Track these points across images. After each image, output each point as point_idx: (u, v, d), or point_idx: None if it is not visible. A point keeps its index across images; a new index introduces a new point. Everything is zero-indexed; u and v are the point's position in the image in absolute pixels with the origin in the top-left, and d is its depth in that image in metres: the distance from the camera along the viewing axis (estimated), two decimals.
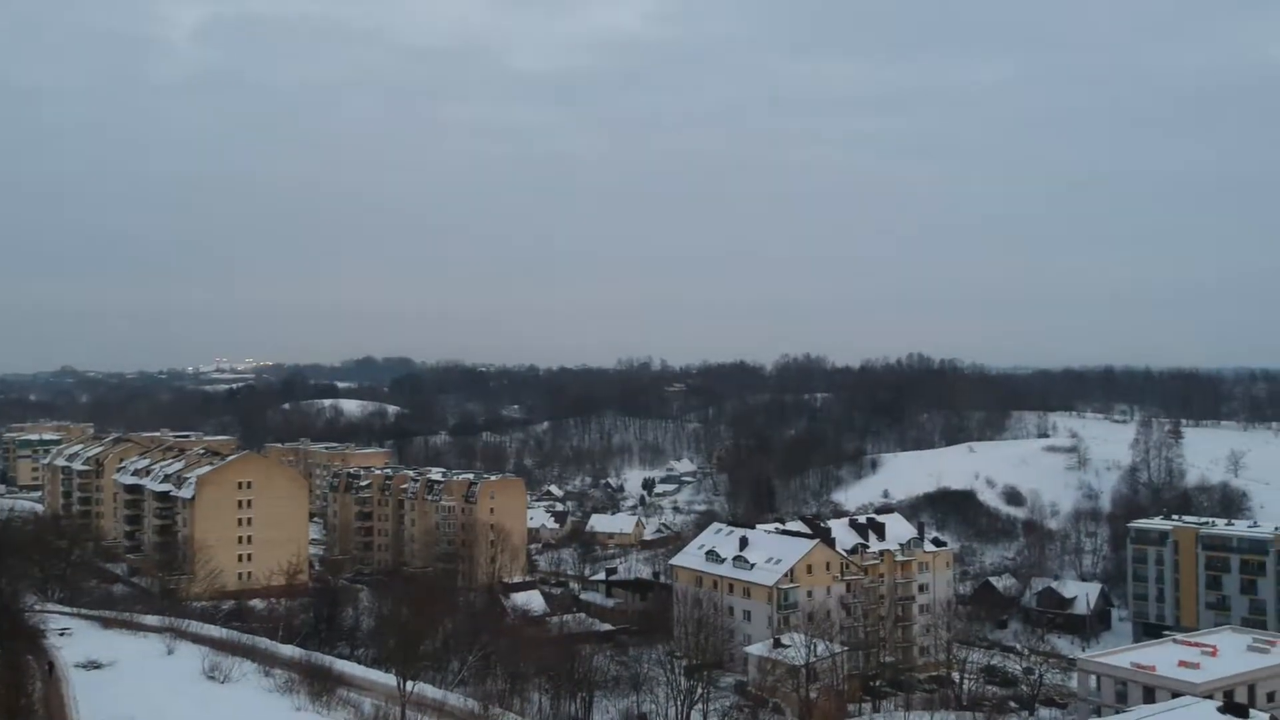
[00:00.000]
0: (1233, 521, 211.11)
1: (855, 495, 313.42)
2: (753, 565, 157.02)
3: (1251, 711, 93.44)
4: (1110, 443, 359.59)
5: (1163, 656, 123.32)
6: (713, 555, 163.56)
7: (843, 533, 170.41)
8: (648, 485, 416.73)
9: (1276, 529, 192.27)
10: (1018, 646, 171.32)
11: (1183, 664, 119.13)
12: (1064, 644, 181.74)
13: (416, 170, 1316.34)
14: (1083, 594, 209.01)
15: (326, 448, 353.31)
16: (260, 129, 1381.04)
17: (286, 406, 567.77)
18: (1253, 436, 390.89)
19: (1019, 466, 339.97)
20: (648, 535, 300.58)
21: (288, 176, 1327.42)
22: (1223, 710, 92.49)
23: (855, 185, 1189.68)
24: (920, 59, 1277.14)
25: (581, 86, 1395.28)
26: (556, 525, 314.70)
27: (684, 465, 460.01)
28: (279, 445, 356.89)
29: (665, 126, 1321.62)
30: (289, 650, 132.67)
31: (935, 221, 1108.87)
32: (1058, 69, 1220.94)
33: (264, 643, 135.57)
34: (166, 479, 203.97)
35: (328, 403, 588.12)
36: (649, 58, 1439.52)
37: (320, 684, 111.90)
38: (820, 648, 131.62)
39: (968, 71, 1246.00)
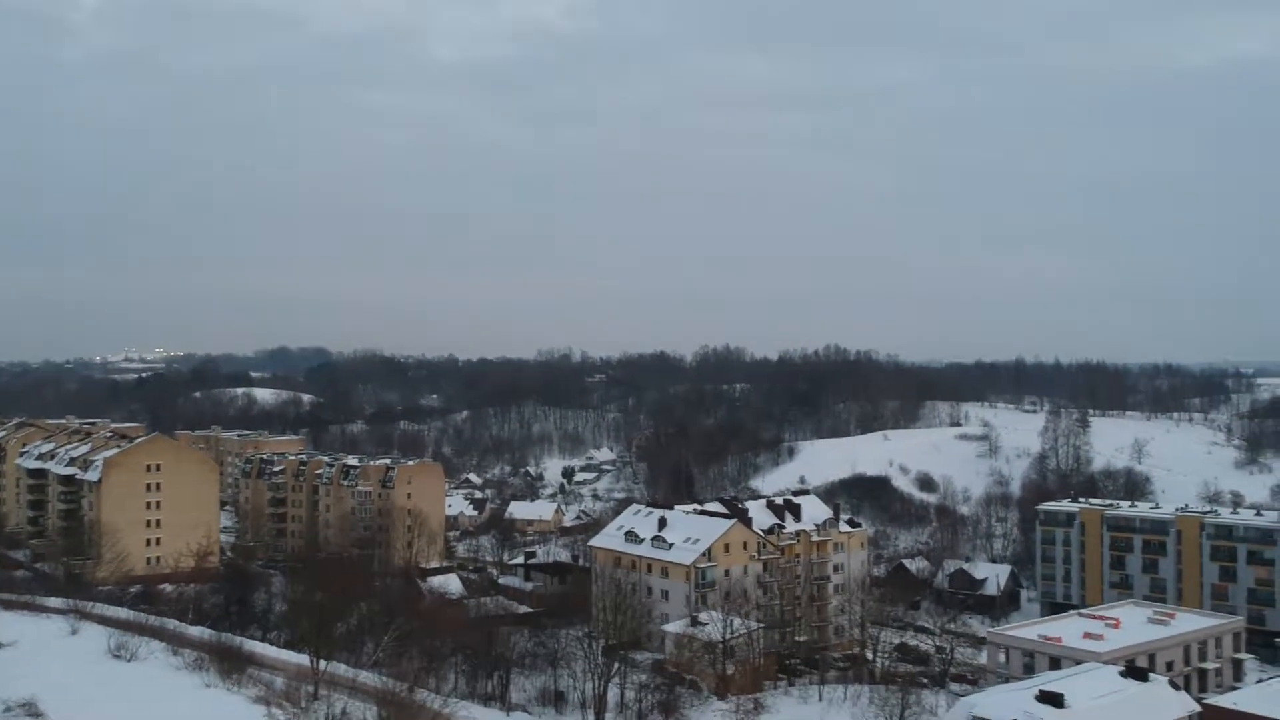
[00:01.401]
0: (1136, 504, 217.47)
1: (773, 482, 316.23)
2: (671, 545, 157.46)
3: (1151, 675, 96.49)
4: (1020, 431, 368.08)
5: (1068, 629, 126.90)
6: (631, 536, 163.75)
7: (760, 514, 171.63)
8: (567, 474, 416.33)
9: (1177, 510, 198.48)
10: (930, 626, 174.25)
11: (1087, 635, 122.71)
12: (975, 624, 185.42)
13: (333, 159, 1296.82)
14: (993, 575, 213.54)
15: (239, 435, 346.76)
16: (173, 114, 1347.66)
17: (198, 395, 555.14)
18: (1156, 426, 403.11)
19: (932, 454, 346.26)
20: (567, 522, 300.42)
21: (201, 163, 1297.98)
22: (1124, 674, 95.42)
23: (772, 181, 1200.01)
24: (837, 57, 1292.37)
25: (501, 77, 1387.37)
26: (475, 512, 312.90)
27: (604, 454, 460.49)
28: (189, 433, 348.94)
29: (585, 120, 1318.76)
30: (198, 631, 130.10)
31: (851, 218, 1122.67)
32: (973, 69, 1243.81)
33: (172, 624, 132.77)
34: (72, 462, 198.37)
35: (240, 391, 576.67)
36: (569, 51, 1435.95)
37: (230, 662, 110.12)
38: (737, 624, 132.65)
39: (884, 70, 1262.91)
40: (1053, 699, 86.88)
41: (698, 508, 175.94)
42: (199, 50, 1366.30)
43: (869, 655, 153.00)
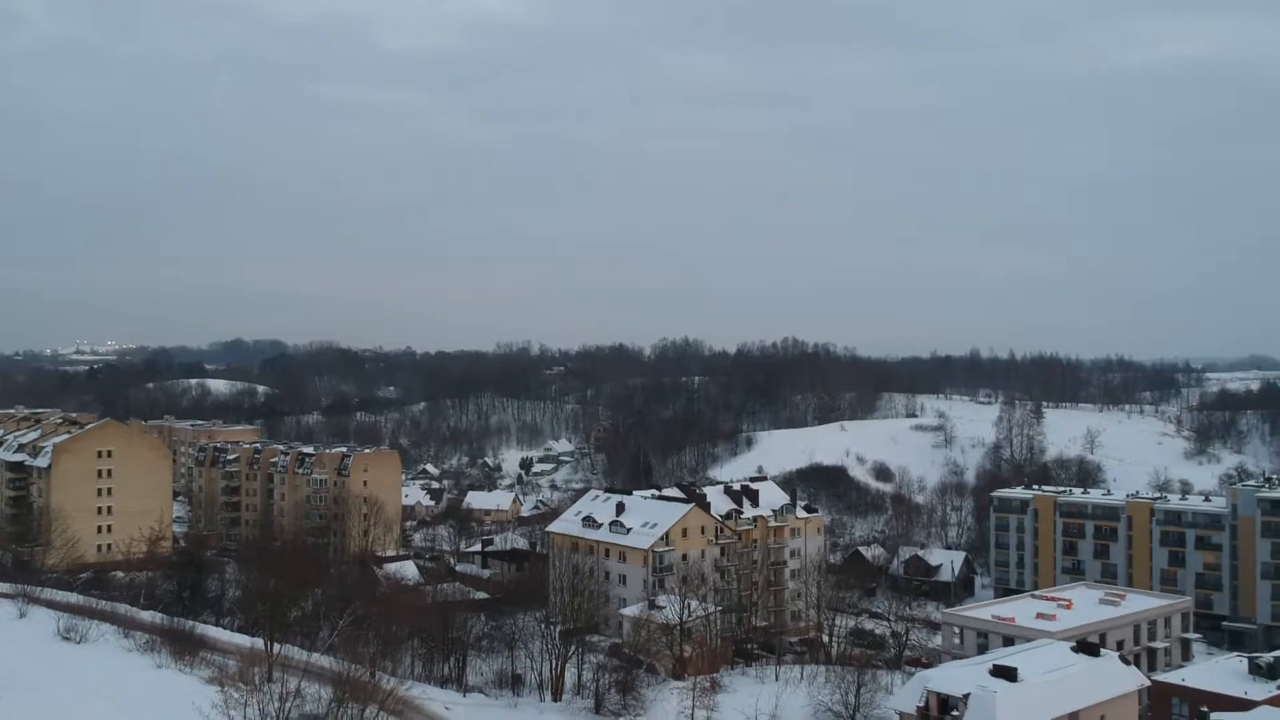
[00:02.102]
0: (1088, 491, 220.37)
1: (731, 471, 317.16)
2: (629, 530, 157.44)
3: (1102, 650, 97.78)
4: (975, 422, 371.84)
5: (1022, 610, 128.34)
6: (589, 521, 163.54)
7: (718, 499, 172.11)
8: (525, 465, 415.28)
9: (1128, 497, 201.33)
10: (885, 612, 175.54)
11: (1040, 616, 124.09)
12: (930, 609, 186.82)
13: (287, 150, 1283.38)
14: (948, 561, 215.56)
15: (192, 425, 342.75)
16: (124, 104, 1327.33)
17: (150, 386, 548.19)
18: (1108, 417, 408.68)
19: (888, 444, 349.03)
20: (525, 512, 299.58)
21: (154, 154, 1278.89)
22: (1076, 649, 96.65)
23: (729, 176, 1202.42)
24: (798, 54, 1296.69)
25: (452, 69, 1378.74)
26: (432, 502, 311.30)
27: (562, 445, 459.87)
28: (142, 423, 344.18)
29: (539, 114, 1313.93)
30: (149, 616, 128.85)
31: (809, 213, 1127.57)
32: (930, 67, 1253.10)
33: (123, 608, 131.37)
34: (21, 449, 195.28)
35: (194, 382, 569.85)
36: (520, 43, 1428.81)
37: (183, 645, 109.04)
38: (695, 607, 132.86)
39: (842, 68, 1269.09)
40: (1006, 673, 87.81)
41: (656, 493, 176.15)
42: (150, 39, 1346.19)
43: (825, 639, 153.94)
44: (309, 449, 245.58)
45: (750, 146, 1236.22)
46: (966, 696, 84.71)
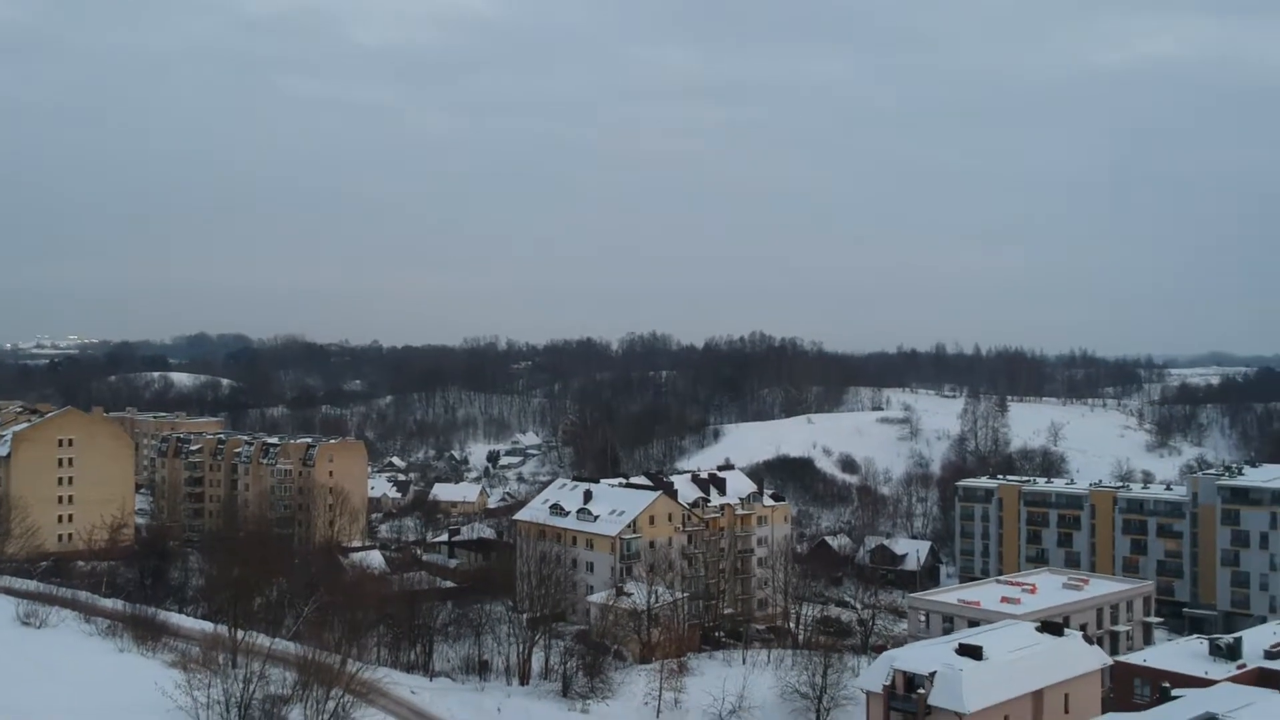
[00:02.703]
0: (1052, 481, 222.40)
1: (698, 463, 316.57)
2: (596, 517, 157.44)
3: (1066, 630, 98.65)
4: (940, 415, 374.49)
5: (987, 594, 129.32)
6: (557, 509, 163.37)
7: (685, 487, 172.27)
8: (493, 457, 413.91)
9: (1091, 486, 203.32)
10: (852, 601, 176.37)
11: (1005, 600, 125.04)
12: (895, 598, 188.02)
13: (252, 144, 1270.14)
14: (913, 551, 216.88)
15: (155, 417, 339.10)
16: (85, 97, 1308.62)
17: (113, 379, 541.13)
18: (1071, 411, 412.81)
19: (854, 437, 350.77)
20: (492, 504, 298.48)
21: (117, 149, 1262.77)
22: (1040, 629, 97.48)
23: (700, 174, 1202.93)
24: (767, 51, 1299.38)
25: (424, 64, 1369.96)
26: (399, 495, 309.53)
27: (529, 438, 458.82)
28: (105, 415, 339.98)
29: (511, 110, 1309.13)
30: (110, 603, 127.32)
31: (778, 210, 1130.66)
32: (902, 66, 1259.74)
33: (84, 595, 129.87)
34: None
35: (156, 375, 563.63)
36: (490, 38, 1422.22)
37: (145, 630, 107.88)
38: (662, 593, 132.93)
39: (810, 66, 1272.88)
40: (971, 651, 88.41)
41: (623, 481, 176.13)
42: (111, 31, 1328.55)
43: (792, 626, 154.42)
44: (274, 439, 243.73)
45: (720, 143, 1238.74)
46: (933, 675, 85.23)
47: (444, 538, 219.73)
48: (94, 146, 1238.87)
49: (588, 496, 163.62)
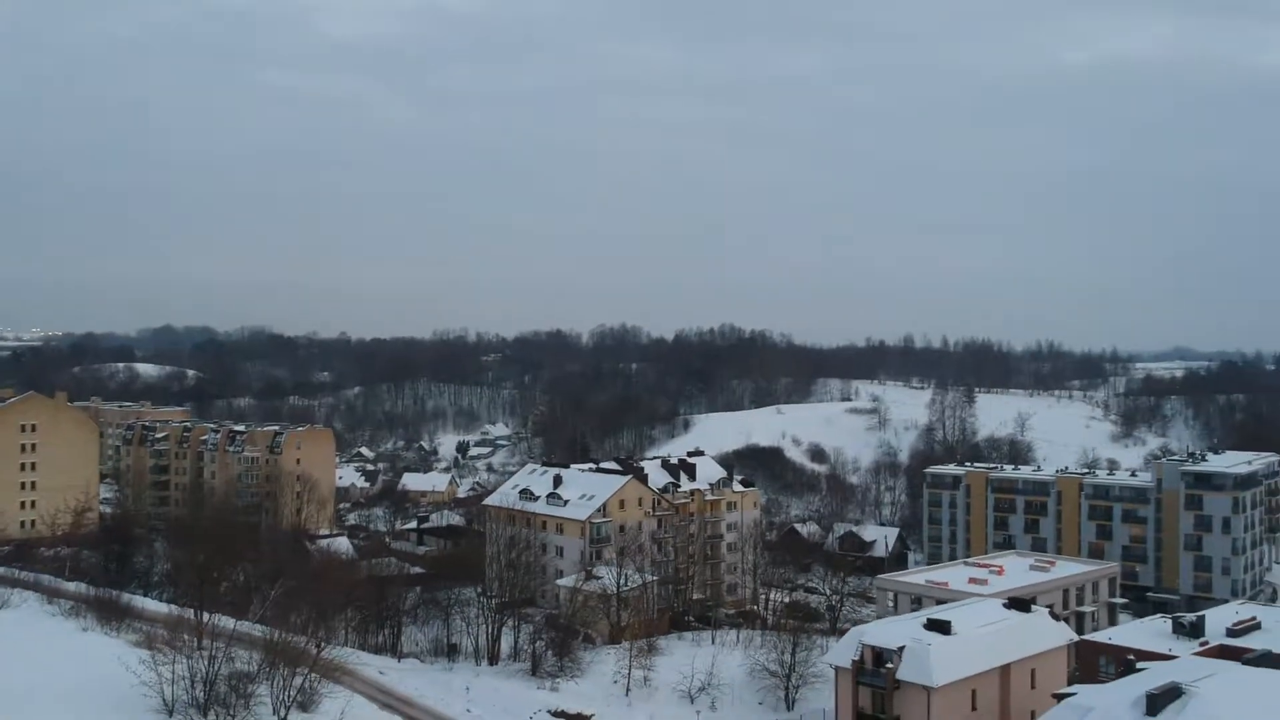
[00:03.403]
0: (1019, 468, 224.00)
1: (668, 452, 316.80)
2: (566, 501, 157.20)
3: (1033, 606, 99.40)
4: (909, 405, 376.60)
5: (954, 575, 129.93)
6: (527, 493, 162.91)
7: (655, 473, 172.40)
8: (462, 448, 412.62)
9: (1057, 472, 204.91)
10: (820, 587, 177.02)
11: (973, 581, 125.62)
12: (864, 585, 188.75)
13: (220, 136, 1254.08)
14: (881, 537, 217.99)
15: (120, 406, 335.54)
16: (51, 89, 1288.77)
17: (77, 370, 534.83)
18: (1038, 402, 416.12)
19: (823, 427, 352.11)
20: (461, 494, 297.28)
21: (83, 142, 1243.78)
22: (1007, 606, 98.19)
23: (672, 168, 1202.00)
24: (743, 48, 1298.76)
25: (395, 57, 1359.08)
26: (367, 484, 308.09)
27: (499, 429, 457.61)
28: (69, 404, 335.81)
29: (483, 103, 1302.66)
30: (74, 587, 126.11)
31: (749, 204, 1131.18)
32: (874, 64, 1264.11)
33: (46, 579, 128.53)
34: None
35: (121, 366, 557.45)
36: (462, 31, 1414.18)
37: (109, 612, 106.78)
38: (631, 574, 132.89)
39: (785, 62, 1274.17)
40: (940, 626, 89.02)
41: (594, 466, 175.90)
42: (77, 21, 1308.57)
43: (760, 609, 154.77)
44: (240, 427, 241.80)
45: (692, 138, 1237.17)
46: (901, 649, 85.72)
47: (413, 525, 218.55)
48: (58, 138, 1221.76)
49: (557, 481, 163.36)
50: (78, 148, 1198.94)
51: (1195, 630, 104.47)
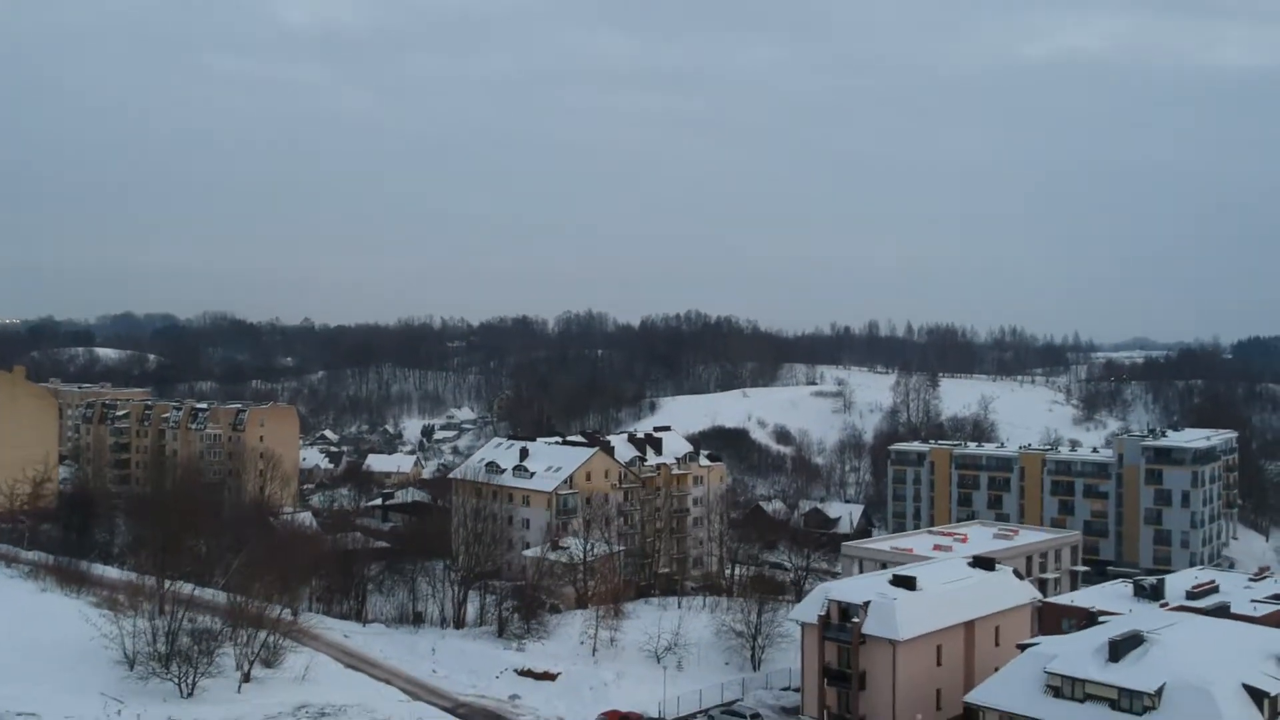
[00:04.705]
0: (983, 444, 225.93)
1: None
2: (533, 474, 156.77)
3: (998, 565, 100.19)
4: (873, 389, 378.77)
5: (919, 543, 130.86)
6: (493, 466, 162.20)
7: (622, 447, 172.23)
8: (427, 432, 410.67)
9: (1021, 449, 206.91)
10: (785, 563, 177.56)
11: (937, 548, 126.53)
12: (830, 564, 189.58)
13: (176, 124, 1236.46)
14: (846, 514, 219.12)
15: (80, 387, 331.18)
16: (2, 74, 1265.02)
17: (35, 354, 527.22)
18: (1001, 386, 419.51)
19: (789, 410, 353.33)
20: (426, 475, 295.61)
21: (36, 129, 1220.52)
22: (972, 564, 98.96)
23: (634, 157, 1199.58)
24: (696, 40, 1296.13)
25: (353, 44, 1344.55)
26: (331, 465, 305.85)
27: (464, 413, 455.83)
28: (26, 380, 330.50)
29: (442, 90, 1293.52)
30: (33, 555, 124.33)
31: (712, 195, 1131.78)
32: (830, 57, 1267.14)
33: (4, 547, 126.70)
34: None
35: (81, 349, 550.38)
36: (425, 19, 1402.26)
37: (70, 577, 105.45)
38: (598, 544, 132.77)
39: (743, 54, 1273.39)
40: (906, 582, 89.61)
41: (560, 439, 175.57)
42: (33, 11, 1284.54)
43: (726, 580, 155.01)
44: (203, 404, 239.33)
45: (653, 129, 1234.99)
46: (867, 604, 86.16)
47: (378, 502, 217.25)
48: (10, 125, 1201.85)
49: (524, 454, 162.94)
50: (32, 135, 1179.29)
51: (1156, 593, 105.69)
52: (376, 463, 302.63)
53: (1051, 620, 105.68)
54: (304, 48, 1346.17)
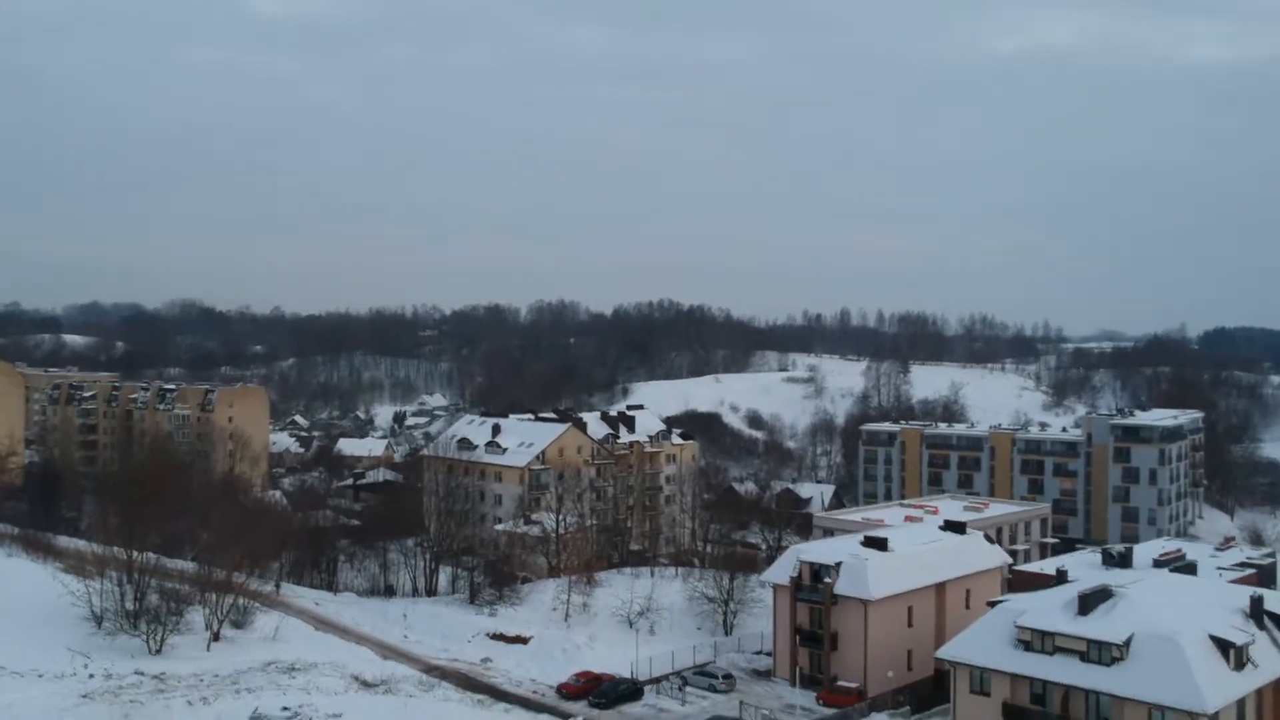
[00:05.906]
0: (953, 425, 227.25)
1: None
2: (505, 449, 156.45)
3: (968, 529, 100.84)
4: (845, 375, 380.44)
5: (891, 514, 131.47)
6: (465, 443, 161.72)
7: (595, 425, 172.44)
8: (399, 418, 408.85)
9: (990, 428, 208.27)
10: (757, 543, 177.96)
11: (908, 519, 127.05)
12: (801, 539, 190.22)
13: (148, 114, 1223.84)
14: (818, 494, 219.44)
15: (47, 371, 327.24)
16: None
17: (1, 340, 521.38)
18: (971, 373, 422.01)
19: (761, 395, 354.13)
20: (398, 459, 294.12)
21: (4, 115, 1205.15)
22: (944, 528, 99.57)
23: (608, 149, 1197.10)
24: (672, 32, 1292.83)
25: (325, 34, 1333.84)
26: (302, 450, 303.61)
27: (437, 400, 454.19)
28: None
29: (413, 82, 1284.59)
30: (2, 527, 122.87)
31: (688, 187, 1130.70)
32: (806, 50, 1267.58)
33: None
34: None
35: (47, 335, 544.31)
36: (398, 9, 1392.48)
37: (36, 546, 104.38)
38: (570, 515, 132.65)
39: (716, 48, 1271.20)
40: (877, 543, 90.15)
41: (533, 416, 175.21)
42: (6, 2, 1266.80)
43: (697, 553, 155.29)
44: (171, 386, 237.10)
45: (628, 120, 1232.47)
46: (839, 564, 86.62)
47: (349, 483, 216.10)
48: None
49: (496, 430, 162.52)
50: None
51: (1124, 561, 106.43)
52: (348, 446, 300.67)
53: (1022, 586, 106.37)
54: (277, 38, 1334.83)
